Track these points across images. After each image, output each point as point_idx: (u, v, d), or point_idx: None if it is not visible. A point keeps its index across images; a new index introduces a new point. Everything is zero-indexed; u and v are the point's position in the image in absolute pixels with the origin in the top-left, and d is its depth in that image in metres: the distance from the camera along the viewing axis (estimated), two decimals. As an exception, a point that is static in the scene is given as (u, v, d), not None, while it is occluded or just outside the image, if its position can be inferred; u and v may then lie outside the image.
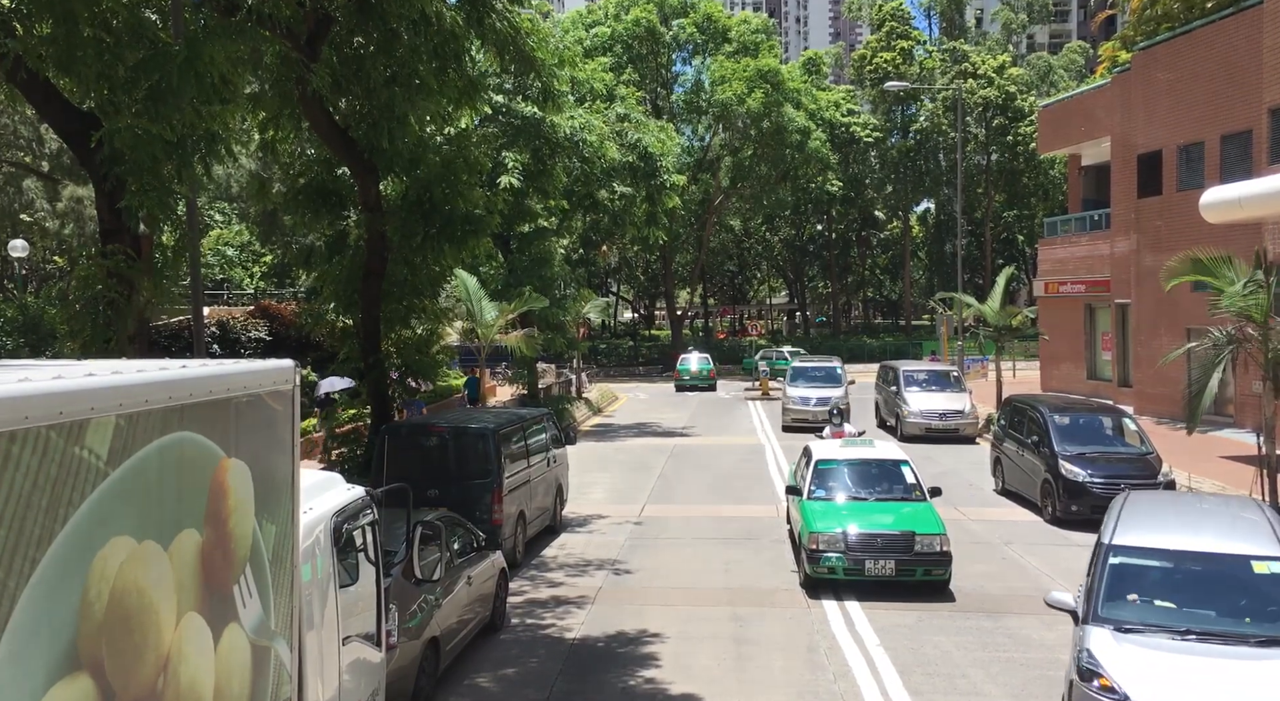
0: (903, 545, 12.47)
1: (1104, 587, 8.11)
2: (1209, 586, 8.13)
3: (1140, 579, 8.22)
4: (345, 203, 17.28)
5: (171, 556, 4.18)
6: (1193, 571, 8.22)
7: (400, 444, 14.44)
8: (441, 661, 9.45)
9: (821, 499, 13.60)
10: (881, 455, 14.67)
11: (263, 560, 5.01)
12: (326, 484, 6.68)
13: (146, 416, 4.04)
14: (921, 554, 12.44)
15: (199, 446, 4.47)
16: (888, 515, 13.09)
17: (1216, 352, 15.47)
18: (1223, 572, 8.14)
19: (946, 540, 12.58)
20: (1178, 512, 9.35)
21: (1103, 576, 8.19)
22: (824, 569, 12.49)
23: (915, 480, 13.98)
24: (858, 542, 12.47)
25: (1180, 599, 8.05)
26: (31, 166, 28.08)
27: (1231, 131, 24.74)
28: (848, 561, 12.40)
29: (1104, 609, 7.96)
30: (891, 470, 14.20)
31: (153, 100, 8.22)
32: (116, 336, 8.95)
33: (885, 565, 12.39)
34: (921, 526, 12.67)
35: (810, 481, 13.98)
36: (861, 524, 12.71)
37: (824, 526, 12.68)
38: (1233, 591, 8.04)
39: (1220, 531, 8.58)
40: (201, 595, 4.42)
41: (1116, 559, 8.29)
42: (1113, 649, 7.54)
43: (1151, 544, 8.39)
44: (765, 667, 10.21)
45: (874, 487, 13.90)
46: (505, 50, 14.09)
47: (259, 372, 5.08)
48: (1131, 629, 7.74)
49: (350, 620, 6.34)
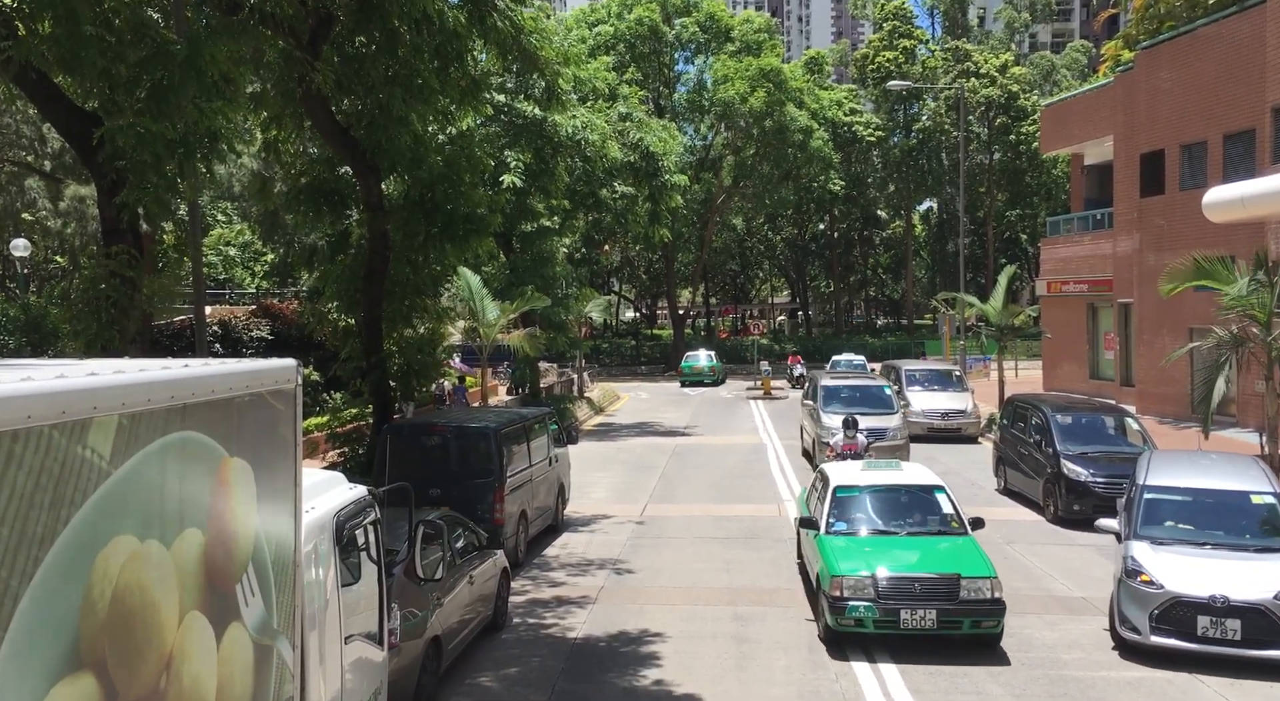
0: (946, 591, 10.38)
1: (1141, 514, 11.02)
2: (1219, 513, 11.06)
3: (1167, 508, 11.16)
4: (347, 202, 17.30)
5: (174, 555, 4.18)
6: (1206, 503, 11.21)
7: (402, 443, 14.44)
8: (444, 660, 9.45)
9: (842, 533, 11.50)
10: (912, 479, 12.48)
11: (265, 559, 5.00)
12: (329, 483, 6.68)
13: (149, 415, 4.03)
14: (969, 602, 10.36)
15: (202, 445, 4.45)
16: (924, 554, 11.03)
17: (1221, 353, 15.45)
18: (1229, 503, 11.14)
19: (998, 584, 10.48)
20: (1193, 464, 12.25)
21: (1140, 506, 11.12)
22: (850, 620, 10.37)
23: (953, 509, 11.87)
24: (891, 588, 10.38)
25: (1197, 522, 10.99)
26: (34, 166, 28.09)
27: (1234, 130, 24.69)
28: (879, 612, 10.32)
29: (1142, 529, 10.89)
30: (925, 498, 12.06)
31: (154, 99, 8.22)
32: (119, 336, 8.95)
33: (926, 616, 10.29)
34: (968, 567, 10.56)
35: (828, 512, 11.77)
36: (894, 564, 10.64)
37: (850, 568, 10.59)
38: (1237, 516, 11.01)
39: (1227, 476, 11.55)
40: (204, 594, 4.41)
41: (1150, 495, 11.24)
42: (1150, 555, 10.48)
43: (1175, 483, 11.39)
44: (767, 667, 10.20)
45: (905, 519, 11.78)
46: (508, 50, 14.10)
47: (261, 372, 5.07)
48: (1163, 542, 10.67)
49: (352, 619, 6.33)
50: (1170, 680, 9.77)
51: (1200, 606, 9.86)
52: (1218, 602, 9.79)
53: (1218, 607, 9.80)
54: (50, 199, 28.82)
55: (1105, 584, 12.92)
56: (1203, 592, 9.88)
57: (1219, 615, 9.81)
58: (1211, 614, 9.82)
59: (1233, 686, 9.57)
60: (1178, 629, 9.96)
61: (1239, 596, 9.80)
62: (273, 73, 14.09)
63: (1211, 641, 9.86)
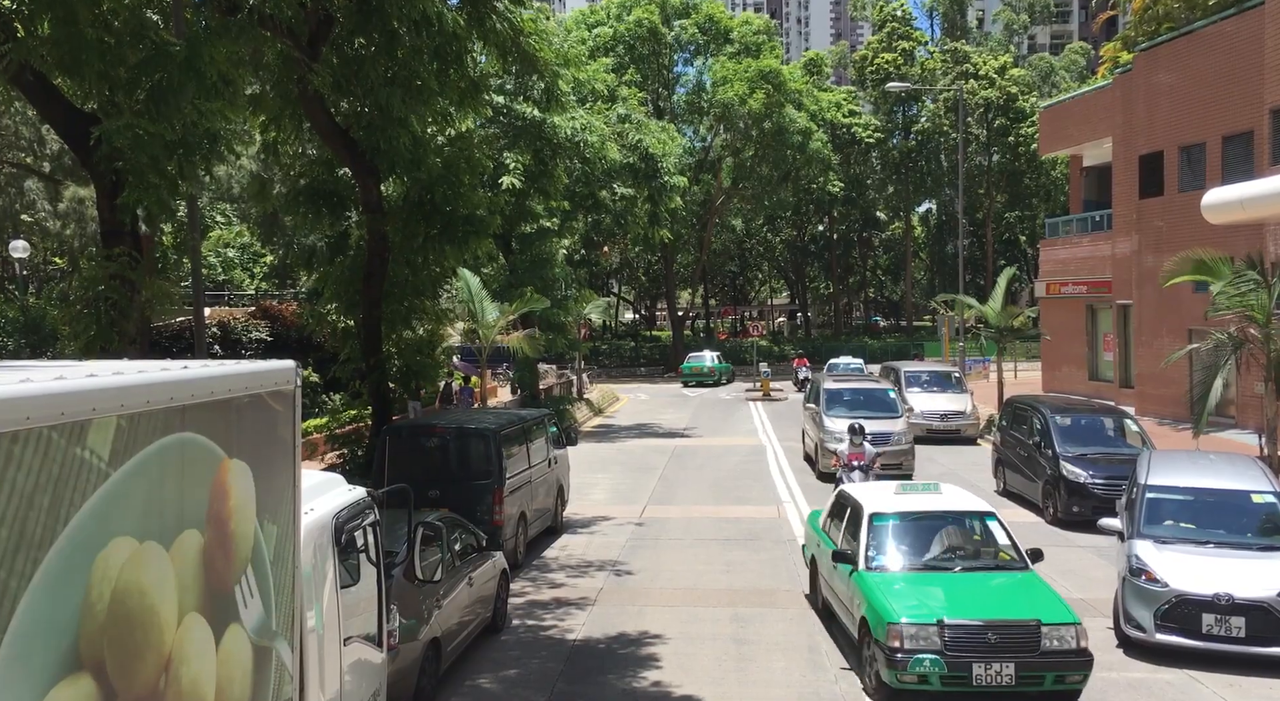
0: (1026, 640, 8.75)
1: (1143, 514, 11.10)
2: (1220, 512, 11.17)
3: (1170, 508, 11.23)
4: (346, 203, 17.30)
5: (173, 557, 4.17)
6: (1208, 502, 11.30)
7: (402, 445, 14.44)
8: (443, 662, 9.45)
9: (887, 569, 9.92)
10: (958, 505, 10.86)
11: (264, 561, 4.99)
12: (328, 484, 6.68)
13: (148, 417, 4.04)
14: (1052, 652, 8.75)
15: (201, 447, 4.45)
16: (990, 595, 9.49)
17: (1220, 355, 15.45)
18: (1230, 503, 11.26)
19: (1084, 632, 8.89)
20: (1193, 464, 12.32)
21: (1142, 506, 11.17)
22: (912, 676, 8.74)
23: (1009, 539, 10.30)
24: (961, 637, 8.76)
25: (1199, 521, 11.08)
26: (33, 167, 28.08)
27: (1233, 132, 24.70)
28: (946, 665, 8.69)
29: (1145, 528, 10.98)
30: (975, 526, 10.58)
31: (153, 100, 8.22)
32: (118, 337, 8.94)
33: (1002, 670, 8.66)
34: (1047, 612, 8.96)
35: (866, 545, 10.15)
36: (959, 609, 9.04)
37: (910, 613, 8.94)
38: (1238, 515, 11.13)
39: (1227, 475, 11.66)
40: (203, 595, 4.41)
41: (1152, 494, 11.30)
42: (1154, 554, 10.57)
43: (1177, 482, 11.48)
44: (766, 668, 10.20)
45: (956, 552, 10.29)
46: (507, 51, 14.09)
47: (260, 373, 5.07)
48: (1166, 541, 10.75)
49: (352, 620, 6.33)
50: (1171, 681, 9.77)
51: (1205, 604, 10.00)
52: (1222, 600, 9.94)
53: (1222, 605, 9.95)
54: (49, 200, 28.80)
55: (1104, 585, 12.93)
56: (1207, 590, 10.01)
57: (1223, 613, 9.96)
58: (1216, 611, 9.97)
59: (1231, 686, 9.58)
60: (1183, 626, 10.10)
61: (1243, 594, 9.94)
62: (272, 74, 14.09)
63: (1216, 638, 9.99)
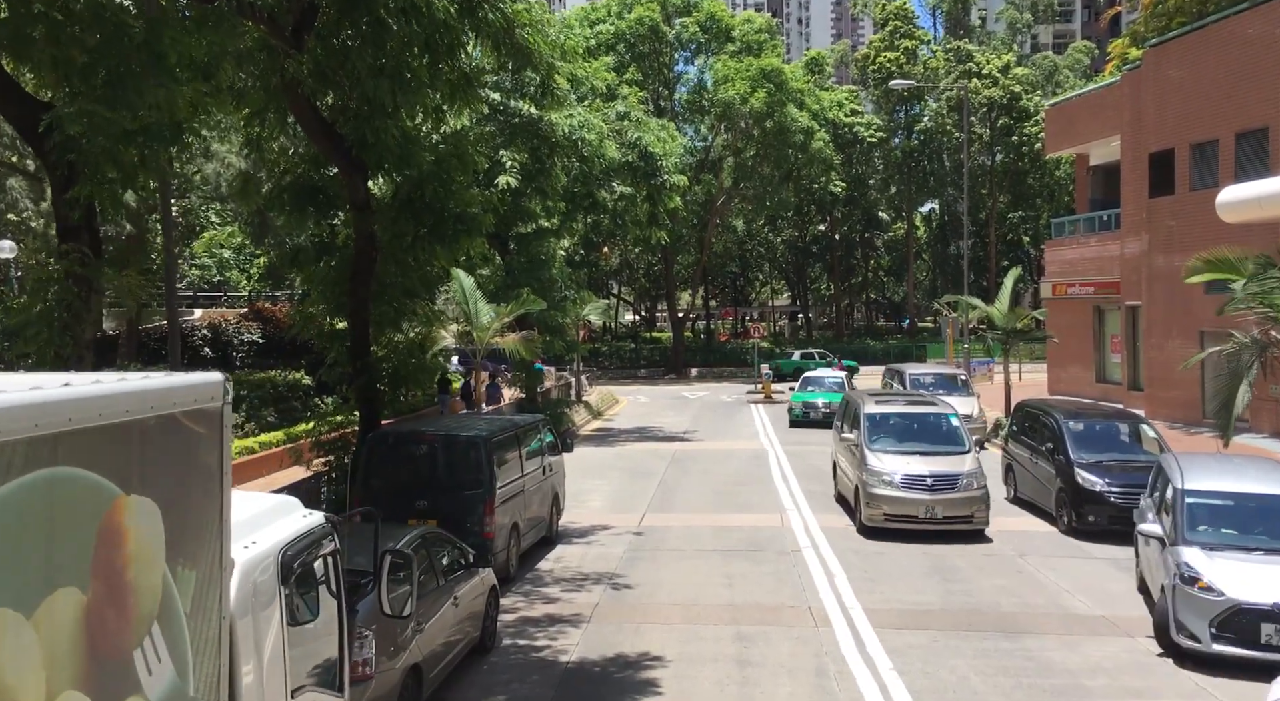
0: None
1: (1186, 519, 10.89)
2: (1262, 518, 10.96)
3: (1210, 513, 11.05)
4: (334, 201, 16.67)
5: (38, 625, 3.41)
6: (1249, 507, 11.13)
7: (387, 453, 13.81)
8: (424, 689, 8.81)
9: None
10: None
11: (177, 614, 4.23)
12: (279, 511, 5.87)
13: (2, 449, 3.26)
14: None
15: (80, 484, 3.68)
16: None
17: (1243, 358, 14.83)
18: (1271, 508, 11.00)
19: None
20: (1223, 467, 12.13)
21: (1183, 511, 10.96)
22: None
23: None
24: None
25: (1241, 526, 10.95)
26: (17, 165, 27.48)
27: (1247, 128, 24.13)
28: None
29: (1189, 534, 10.74)
30: None
31: (111, 86, 7.59)
32: (72, 342, 8.31)
33: None
34: None
35: None
36: None
37: None
38: (1278, 520, 10.85)
39: (1262, 480, 11.51)
40: (85, 667, 3.67)
41: (1191, 499, 11.08)
42: (1205, 561, 10.29)
43: (1216, 487, 11.33)
44: (771, 695, 9.57)
45: None
46: (501, 43, 13.49)
47: (174, 389, 4.28)
48: (1214, 548, 10.53)
49: (303, 664, 5.60)
50: (1241, 694, 9.21)
51: (1265, 613, 9.75)
52: None
53: None
54: (33, 199, 28.21)
55: (1124, 600, 12.35)
56: (1266, 600, 9.77)
57: None
58: (1276, 621, 9.72)
59: None
60: (1240, 637, 9.83)
61: None
62: (255, 66, 13.47)
63: (1276, 649, 9.68)
